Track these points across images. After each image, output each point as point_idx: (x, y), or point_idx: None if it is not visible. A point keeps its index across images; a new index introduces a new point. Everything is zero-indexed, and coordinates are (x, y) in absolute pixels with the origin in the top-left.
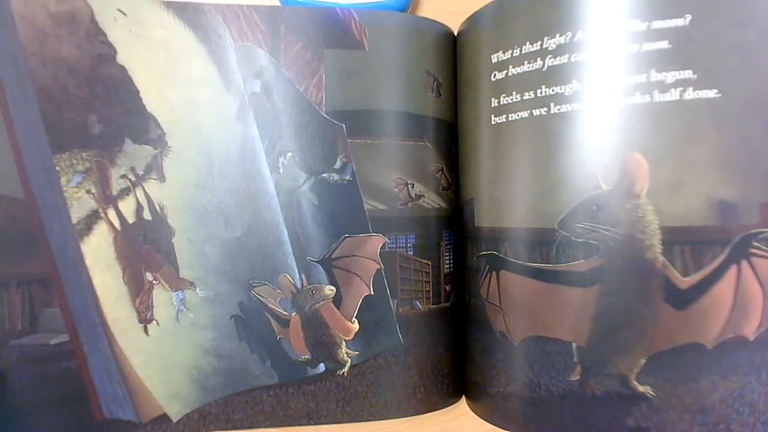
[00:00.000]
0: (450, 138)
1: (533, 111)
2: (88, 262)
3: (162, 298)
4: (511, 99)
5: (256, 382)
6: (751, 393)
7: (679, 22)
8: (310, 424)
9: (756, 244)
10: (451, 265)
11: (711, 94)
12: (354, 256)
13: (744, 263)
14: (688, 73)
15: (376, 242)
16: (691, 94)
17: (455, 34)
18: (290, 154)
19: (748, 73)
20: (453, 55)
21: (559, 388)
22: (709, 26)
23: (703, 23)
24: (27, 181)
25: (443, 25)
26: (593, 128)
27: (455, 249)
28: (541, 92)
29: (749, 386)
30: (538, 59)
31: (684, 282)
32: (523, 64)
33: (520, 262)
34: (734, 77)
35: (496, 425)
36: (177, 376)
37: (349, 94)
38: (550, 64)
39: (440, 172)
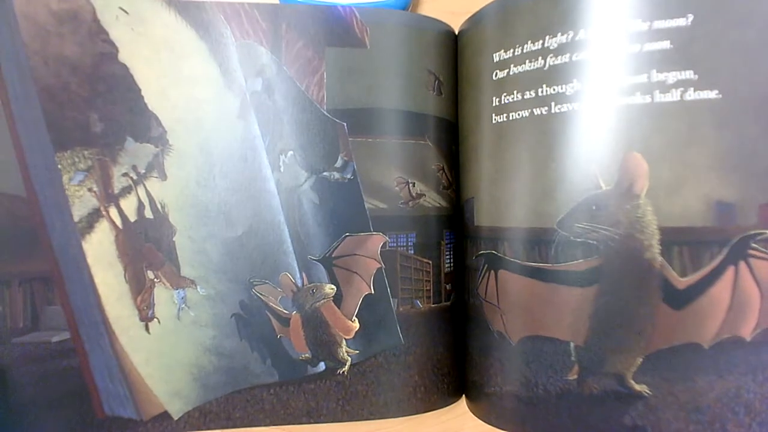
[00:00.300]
0: (451, 137)
1: (534, 110)
2: (90, 260)
3: (163, 296)
4: (512, 98)
5: (257, 380)
6: (747, 393)
7: (681, 22)
8: (310, 423)
9: (754, 245)
10: (452, 264)
11: (712, 94)
12: (355, 255)
13: (741, 264)
14: (689, 74)
15: (376, 241)
16: (691, 94)
17: (456, 33)
18: (291, 152)
19: (748, 73)
20: (454, 54)
21: (556, 388)
22: (711, 26)
23: (705, 23)
24: (29, 179)
25: (444, 23)
26: (593, 128)
27: (455, 248)
28: (542, 91)
29: (745, 386)
30: (540, 58)
31: (682, 282)
32: (525, 63)
33: (518, 261)
34: (735, 78)
35: (493, 425)
36: (178, 374)
37: (350, 93)
38: (551, 63)
39: (441, 171)
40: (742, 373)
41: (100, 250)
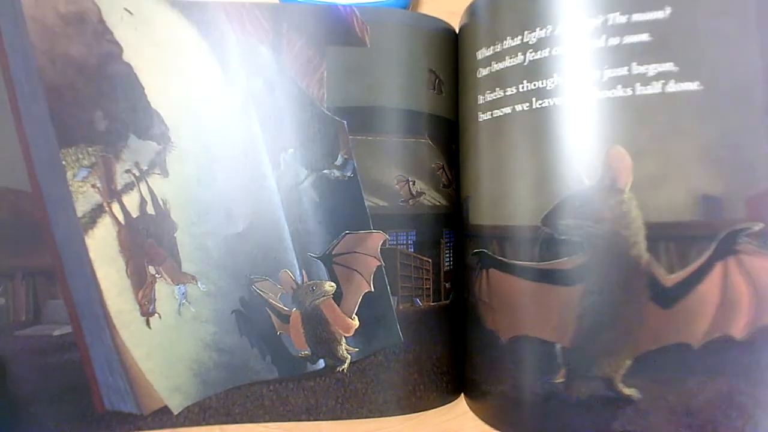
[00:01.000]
0: (451, 135)
1: (516, 107)
2: (92, 255)
3: (164, 291)
4: (495, 95)
5: (257, 376)
6: (740, 395)
7: (659, 14)
8: (309, 420)
9: (742, 239)
10: (451, 263)
11: (693, 86)
12: (355, 252)
13: (730, 260)
14: (669, 66)
15: (376, 239)
16: (673, 86)
17: (456, 32)
18: (292, 150)
19: (729, 64)
20: (454, 53)
21: (543, 390)
22: (689, 17)
23: (683, 15)
24: (34, 174)
25: (445, 22)
26: (575, 122)
27: (455, 246)
28: (522, 87)
29: (737, 388)
30: (519, 54)
31: (669, 280)
32: (505, 60)
33: (506, 259)
34: (716, 69)
35: (489, 423)
36: (178, 369)
37: (350, 91)
38: (531, 59)
39: (441, 170)
40: (734, 374)
41: (102, 245)
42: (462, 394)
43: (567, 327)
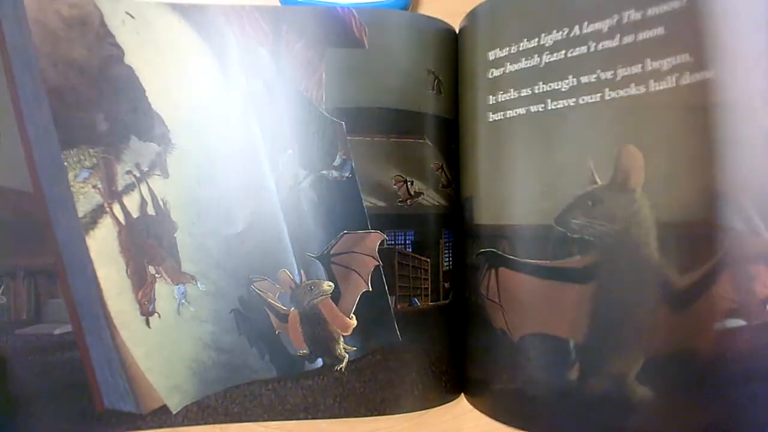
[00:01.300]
0: (450, 135)
1: (530, 108)
2: (93, 255)
3: (164, 291)
4: (508, 96)
5: (255, 375)
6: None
7: (674, 4)
8: (307, 419)
9: (756, 239)
10: (451, 263)
11: (708, 74)
12: (353, 252)
13: (747, 260)
14: (684, 57)
15: (374, 239)
16: (687, 78)
17: (456, 32)
18: (290, 151)
19: (745, 46)
20: (454, 53)
21: (557, 386)
22: (704, 4)
23: (697, 2)
24: (36, 175)
25: (444, 22)
26: (589, 123)
27: (455, 246)
28: (538, 89)
29: (763, 407)
30: (535, 56)
31: (682, 280)
32: (520, 61)
33: (518, 259)
34: (731, 53)
35: (499, 421)
36: (177, 368)
37: (348, 92)
38: (547, 60)
39: (440, 170)
40: (760, 390)
41: (103, 246)
42: (462, 394)
43: (580, 323)
